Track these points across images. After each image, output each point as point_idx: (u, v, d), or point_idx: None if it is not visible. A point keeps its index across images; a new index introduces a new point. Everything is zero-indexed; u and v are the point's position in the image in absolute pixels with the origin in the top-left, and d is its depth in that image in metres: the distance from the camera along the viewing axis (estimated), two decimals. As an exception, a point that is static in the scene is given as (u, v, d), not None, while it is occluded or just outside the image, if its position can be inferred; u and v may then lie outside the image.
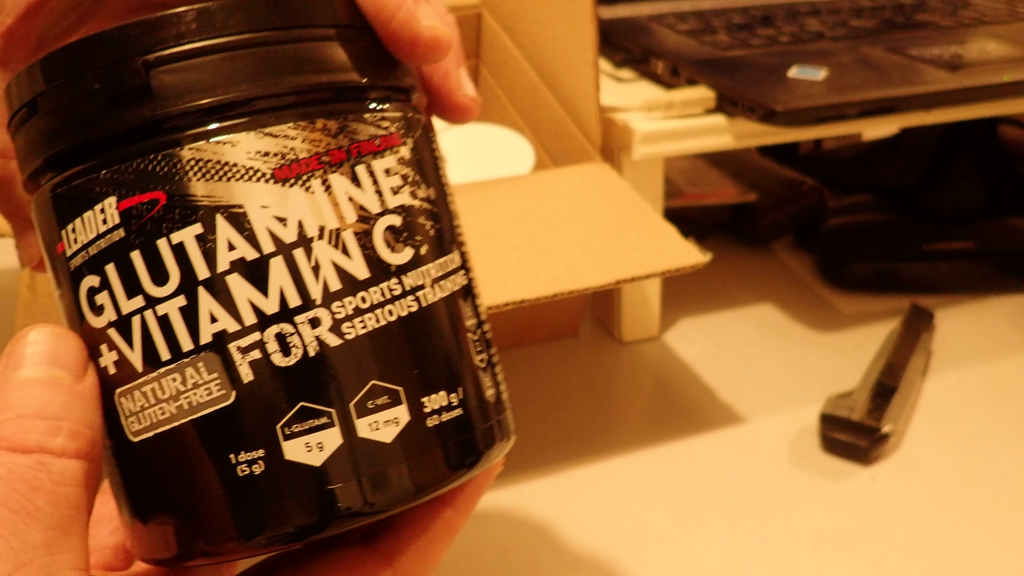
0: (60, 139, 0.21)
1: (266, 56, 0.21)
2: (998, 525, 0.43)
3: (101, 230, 0.20)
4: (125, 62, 0.20)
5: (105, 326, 0.21)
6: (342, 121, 0.21)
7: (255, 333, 0.20)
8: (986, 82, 0.53)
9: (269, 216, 0.20)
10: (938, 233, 0.62)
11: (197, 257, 0.20)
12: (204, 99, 0.20)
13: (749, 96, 0.50)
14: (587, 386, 0.52)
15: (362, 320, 0.21)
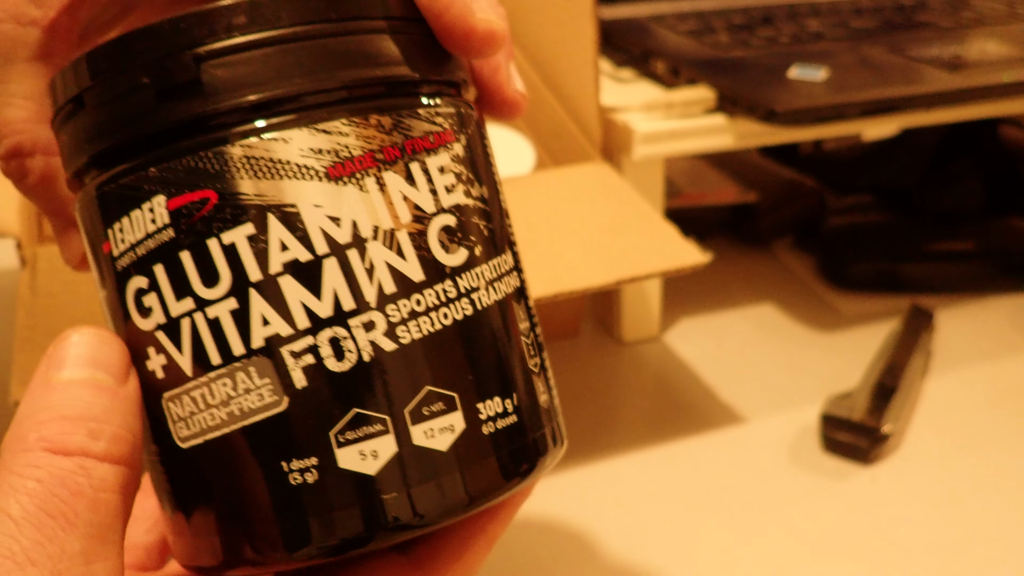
0: (107, 136, 0.20)
1: (317, 50, 0.20)
2: (998, 525, 0.43)
3: (150, 230, 0.20)
4: (175, 56, 0.19)
5: (153, 328, 0.20)
6: (395, 117, 0.21)
7: (308, 337, 0.19)
8: (986, 82, 0.53)
9: (322, 216, 0.20)
10: (938, 233, 0.62)
11: (249, 258, 0.19)
12: (255, 94, 0.19)
13: (749, 96, 0.50)
14: (587, 386, 0.52)
15: (417, 324, 0.20)
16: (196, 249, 0.19)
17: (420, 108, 0.21)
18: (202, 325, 0.20)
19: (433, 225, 0.21)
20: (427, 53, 0.22)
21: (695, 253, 0.43)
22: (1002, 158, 0.65)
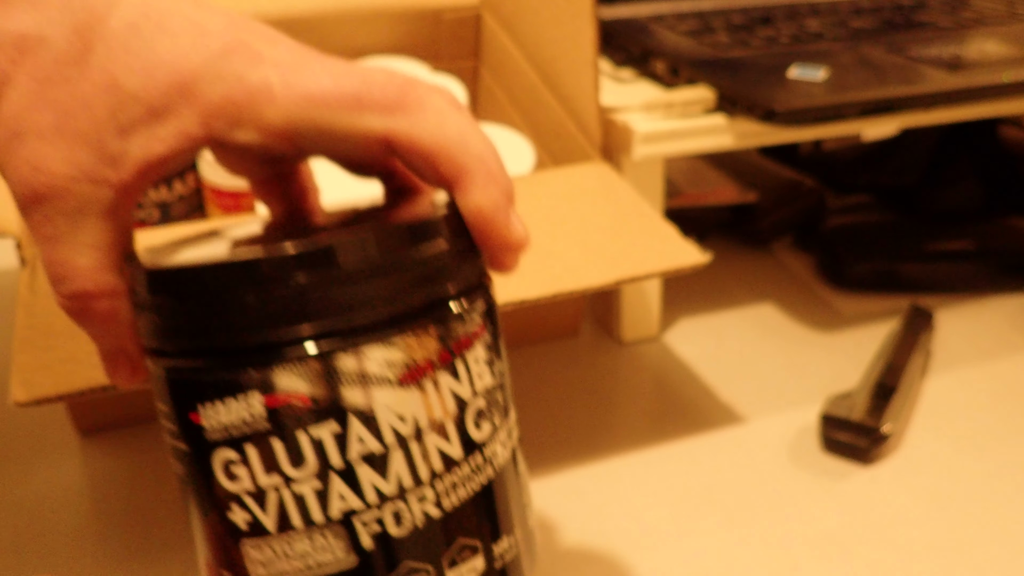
0: (211, 336, 0.23)
1: (397, 279, 0.23)
2: (998, 525, 0.43)
3: (245, 418, 0.23)
4: (282, 282, 0.22)
5: (240, 491, 0.23)
6: (448, 325, 0.24)
7: (376, 510, 0.23)
8: (986, 82, 0.53)
9: (392, 415, 0.23)
10: (938, 233, 0.62)
11: (332, 449, 0.23)
12: (348, 318, 0.23)
13: (749, 96, 0.50)
14: (587, 386, 0.52)
15: (456, 492, 0.24)
16: (287, 439, 0.23)
17: (464, 313, 0.25)
18: (287, 497, 0.23)
19: (470, 410, 0.25)
20: (471, 265, 0.26)
21: (695, 253, 0.43)
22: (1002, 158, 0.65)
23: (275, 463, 0.23)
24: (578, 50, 0.51)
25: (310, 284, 0.22)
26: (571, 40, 0.51)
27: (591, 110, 0.51)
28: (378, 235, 0.23)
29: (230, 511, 0.24)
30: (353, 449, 0.23)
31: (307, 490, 0.23)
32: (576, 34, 0.50)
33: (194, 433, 0.24)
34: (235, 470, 0.23)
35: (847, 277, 0.61)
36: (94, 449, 0.47)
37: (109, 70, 0.24)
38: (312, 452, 0.23)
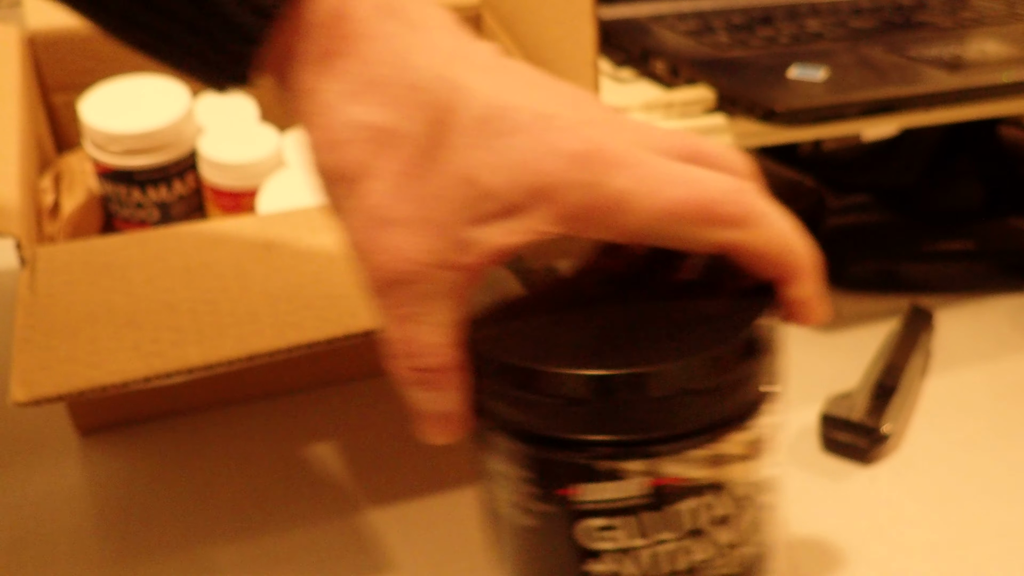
0: (596, 429, 0.26)
1: (753, 383, 0.28)
2: (999, 525, 0.43)
3: (622, 495, 0.27)
4: (674, 391, 0.26)
5: (606, 549, 0.28)
6: (773, 413, 0.30)
7: (717, 559, 0.29)
8: (986, 82, 0.53)
9: (742, 488, 0.28)
10: (938, 233, 0.62)
11: (689, 517, 0.28)
12: (722, 412, 0.27)
13: (749, 96, 0.50)
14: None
15: (764, 537, 0.31)
16: (657, 510, 0.27)
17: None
18: (647, 552, 0.28)
19: (775, 476, 0.31)
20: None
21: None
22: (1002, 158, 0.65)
23: (644, 529, 0.28)
24: (577, 50, 0.51)
25: (695, 391, 0.26)
26: (570, 40, 0.51)
27: None
28: (732, 356, 0.27)
29: (586, 563, 0.28)
30: (707, 516, 0.28)
31: (666, 549, 0.28)
32: (575, 34, 0.50)
33: (559, 502, 0.28)
34: (605, 534, 0.28)
35: (847, 277, 0.61)
36: (94, 449, 0.47)
37: (464, 166, 0.26)
38: (676, 520, 0.28)
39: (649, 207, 0.26)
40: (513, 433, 0.28)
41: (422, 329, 0.27)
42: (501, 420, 0.28)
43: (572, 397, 0.26)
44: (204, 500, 0.44)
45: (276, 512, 0.43)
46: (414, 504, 0.44)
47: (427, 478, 0.45)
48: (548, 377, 0.26)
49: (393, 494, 0.44)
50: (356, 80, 0.27)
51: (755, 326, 0.27)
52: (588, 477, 0.27)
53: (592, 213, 0.26)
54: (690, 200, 0.26)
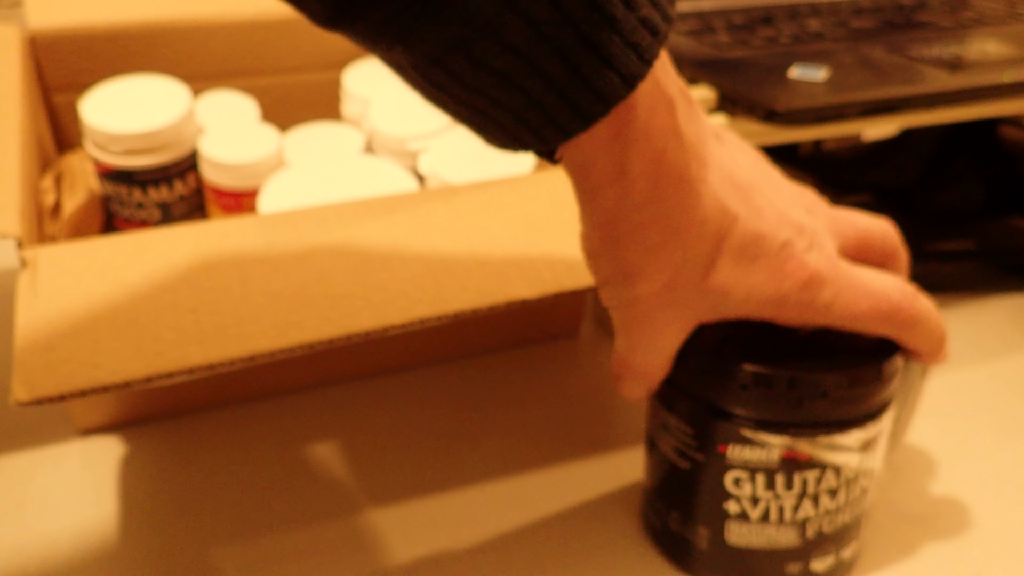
0: (761, 411, 0.35)
1: (871, 395, 0.36)
2: (999, 525, 0.43)
3: (762, 459, 0.36)
4: (826, 393, 0.35)
5: (740, 495, 0.37)
6: (887, 419, 0.38)
7: (820, 519, 0.38)
8: (986, 82, 0.53)
9: (851, 472, 0.37)
10: (938, 233, 0.62)
11: (806, 485, 0.36)
12: (844, 414, 0.36)
13: (749, 96, 0.50)
14: (587, 386, 0.52)
15: (858, 508, 0.39)
16: (786, 475, 0.36)
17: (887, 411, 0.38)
18: (773, 504, 0.37)
19: (879, 466, 0.39)
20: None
21: None
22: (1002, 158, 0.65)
23: (772, 486, 0.37)
24: None
25: (828, 396, 0.35)
26: None
27: None
28: (860, 377, 0.35)
29: (726, 503, 0.37)
30: (822, 485, 0.37)
31: (787, 504, 0.37)
32: None
33: (716, 455, 0.37)
34: (741, 484, 0.37)
35: (847, 277, 0.61)
36: (94, 449, 0.47)
37: (724, 282, 0.34)
38: (800, 484, 0.36)
39: (845, 313, 0.35)
40: (693, 401, 0.37)
41: (650, 355, 0.37)
42: (686, 391, 0.37)
43: (742, 383, 0.35)
44: (205, 500, 0.44)
45: (276, 512, 0.43)
46: (414, 504, 0.44)
47: (427, 478, 0.45)
48: (727, 367, 0.35)
49: (393, 494, 0.44)
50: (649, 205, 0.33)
51: (882, 360, 0.36)
52: (740, 441, 0.36)
53: (800, 315, 0.35)
54: (875, 309, 0.35)
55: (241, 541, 0.42)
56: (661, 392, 0.38)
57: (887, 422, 0.38)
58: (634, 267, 0.33)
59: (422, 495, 0.44)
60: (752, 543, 0.38)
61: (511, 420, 0.49)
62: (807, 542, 0.38)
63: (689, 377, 0.37)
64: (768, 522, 0.37)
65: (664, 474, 0.39)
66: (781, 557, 0.38)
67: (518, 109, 0.29)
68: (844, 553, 0.39)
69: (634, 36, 0.28)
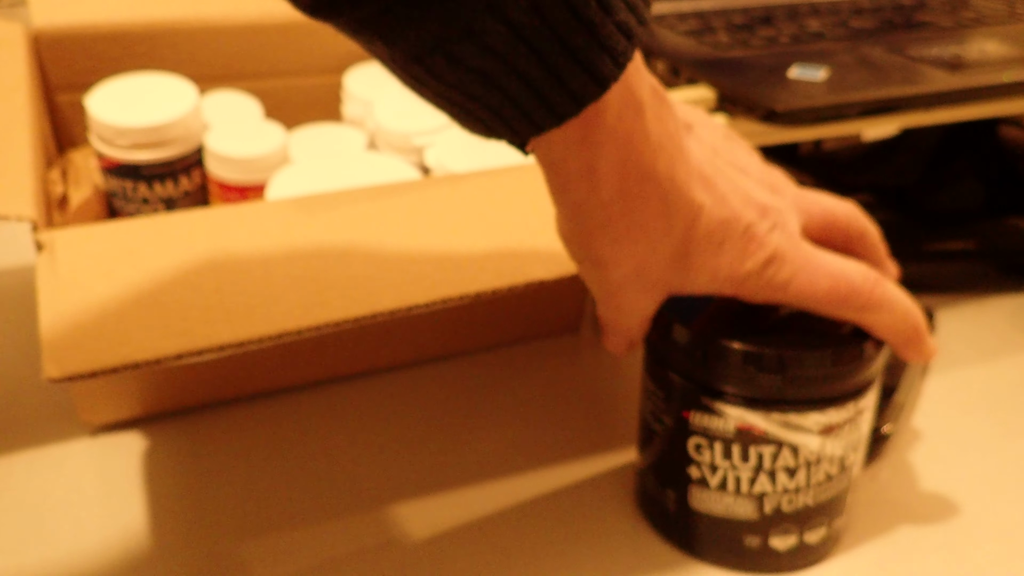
0: (725, 383, 0.37)
1: (836, 379, 0.36)
2: (999, 525, 0.43)
3: (719, 427, 0.37)
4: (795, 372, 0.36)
5: (700, 461, 0.38)
6: (858, 405, 0.38)
7: (778, 496, 0.38)
8: (986, 82, 0.53)
9: (810, 454, 0.37)
10: (938, 233, 0.62)
11: (767, 460, 0.37)
12: (806, 394, 0.36)
13: (749, 96, 0.50)
14: (587, 386, 0.52)
15: (824, 493, 0.39)
16: (742, 447, 0.37)
17: (863, 399, 0.38)
18: (730, 475, 0.38)
19: (847, 451, 0.39)
20: (874, 370, 0.39)
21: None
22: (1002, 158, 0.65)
23: (728, 455, 0.38)
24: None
25: (782, 375, 0.36)
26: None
27: None
28: (844, 353, 0.36)
29: (689, 467, 0.39)
30: (778, 462, 0.37)
31: (743, 475, 0.38)
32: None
33: (680, 420, 0.38)
34: (702, 451, 0.38)
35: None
36: (100, 447, 0.47)
37: (686, 263, 0.35)
38: (755, 457, 0.37)
39: (804, 292, 0.36)
40: (665, 367, 0.38)
41: (626, 319, 0.38)
42: (659, 356, 0.39)
43: (702, 351, 0.36)
44: (209, 498, 0.44)
45: (283, 509, 0.43)
46: (421, 494, 0.44)
47: (433, 469, 0.45)
48: (691, 336, 0.37)
49: (401, 484, 0.44)
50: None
51: (842, 347, 0.36)
52: (699, 408, 0.37)
53: (759, 292, 0.36)
54: (834, 290, 0.36)
55: (247, 538, 0.42)
56: (645, 360, 0.40)
57: (858, 411, 0.38)
58: (603, 255, 0.35)
59: (429, 486, 0.44)
60: (712, 510, 0.39)
61: (514, 415, 0.49)
62: (765, 517, 0.39)
63: (661, 343, 0.38)
64: (726, 491, 0.38)
65: (644, 437, 0.41)
66: (739, 528, 0.39)
67: (494, 105, 0.29)
68: (808, 536, 0.40)
69: (610, 40, 0.28)
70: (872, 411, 0.40)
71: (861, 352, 0.37)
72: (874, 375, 0.38)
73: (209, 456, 0.47)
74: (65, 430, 0.48)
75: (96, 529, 0.42)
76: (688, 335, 0.37)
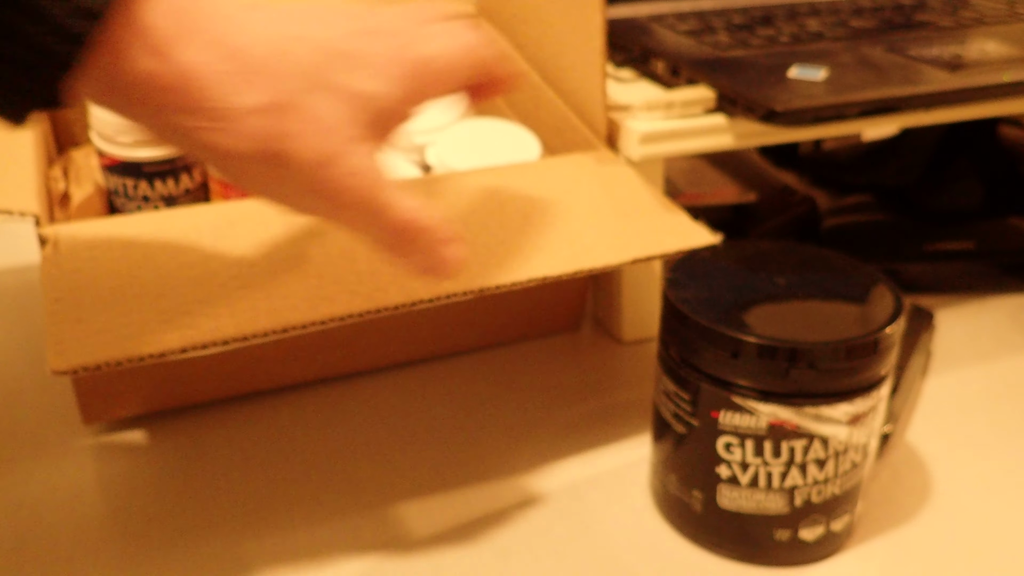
0: (747, 379, 0.37)
1: (860, 370, 0.37)
2: (999, 525, 0.43)
3: (751, 425, 0.38)
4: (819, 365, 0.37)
5: (730, 460, 0.38)
6: (879, 394, 0.39)
7: (808, 488, 0.39)
8: (986, 82, 0.53)
9: (838, 444, 0.38)
10: (938, 233, 0.62)
11: (799, 452, 0.38)
12: (832, 387, 0.37)
13: (749, 96, 0.50)
14: (587, 385, 0.52)
15: (849, 482, 0.40)
16: (774, 443, 0.38)
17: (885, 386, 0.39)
18: (761, 471, 0.38)
19: (870, 439, 0.40)
20: (893, 355, 0.39)
21: (705, 234, 0.44)
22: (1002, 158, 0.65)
23: (761, 453, 0.38)
24: (584, 40, 0.51)
25: (815, 367, 0.36)
26: (578, 31, 0.51)
27: (597, 99, 0.51)
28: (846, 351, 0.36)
29: (718, 467, 0.39)
30: (809, 455, 0.38)
31: (775, 471, 0.38)
32: (584, 24, 0.50)
33: (708, 420, 0.38)
34: (732, 449, 0.38)
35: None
36: (99, 446, 0.47)
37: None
38: (787, 453, 0.38)
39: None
40: (690, 368, 0.38)
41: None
42: (683, 358, 0.39)
43: (732, 352, 0.37)
44: (209, 498, 0.44)
45: (283, 509, 0.43)
46: (416, 503, 0.44)
47: (429, 478, 0.45)
48: (718, 335, 0.37)
49: (397, 491, 0.44)
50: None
51: (871, 335, 0.36)
52: (730, 407, 0.38)
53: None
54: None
55: (246, 538, 0.42)
56: (663, 361, 0.40)
57: (879, 399, 0.39)
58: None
59: (429, 485, 0.44)
60: (742, 507, 0.39)
61: (515, 414, 0.49)
62: (795, 510, 0.39)
63: (685, 344, 0.38)
64: (757, 487, 0.39)
65: (664, 439, 0.41)
66: (770, 523, 0.39)
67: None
68: (835, 525, 0.40)
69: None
70: (887, 396, 0.40)
71: (890, 338, 0.37)
72: (894, 360, 0.39)
73: (209, 455, 0.47)
74: (65, 430, 0.48)
75: (96, 529, 0.42)
76: (717, 335, 0.37)
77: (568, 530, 0.42)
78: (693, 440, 0.39)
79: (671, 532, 0.42)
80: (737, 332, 0.36)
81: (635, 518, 0.43)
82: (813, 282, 0.40)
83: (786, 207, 0.67)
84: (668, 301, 0.39)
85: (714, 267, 0.42)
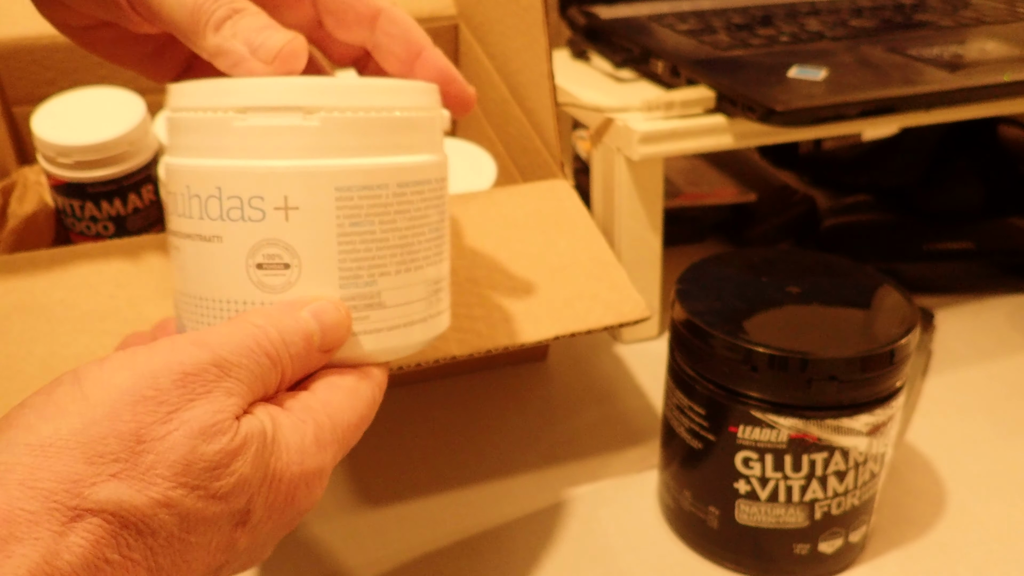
0: (764, 391, 0.36)
1: (879, 381, 0.37)
2: (999, 525, 0.43)
3: (772, 440, 0.37)
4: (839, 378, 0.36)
5: (749, 474, 0.38)
6: (897, 403, 0.39)
7: (828, 500, 0.38)
8: (986, 82, 0.53)
9: (858, 455, 0.37)
10: (938, 233, 0.62)
11: (820, 464, 0.37)
12: (854, 398, 0.36)
13: (749, 96, 0.50)
14: (587, 386, 0.52)
15: (867, 492, 0.39)
16: (794, 457, 0.37)
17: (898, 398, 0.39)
18: (781, 484, 0.38)
19: (888, 449, 0.40)
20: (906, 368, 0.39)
21: (640, 306, 0.42)
22: (1002, 158, 0.65)
23: (781, 465, 0.37)
24: (536, 62, 0.49)
25: (837, 379, 0.35)
26: (529, 51, 0.49)
27: (549, 124, 0.49)
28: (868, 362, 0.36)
29: (736, 482, 0.38)
30: (829, 468, 0.37)
31: (795, 484, 0.37)
32: (532, 45, 0.49)
33: (727, 435, 0.38)
34: (751, 463, 0.37)
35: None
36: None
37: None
38: (807, 466, 0.37)
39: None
40: (707, 382, 0.38)
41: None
42: (699, 373, 0.38)
43: (752, 365, 0.36)
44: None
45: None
46: (416, 503, 0.44)
47: (430, 478, 0.45)
48: (738, 350, 0.36)
49: (394, 502, 0.44)
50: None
51: (893, 345, 0.36)
52: (749, 422, 0.37)
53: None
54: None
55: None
56: (676, 375, 0.39)
57: (897, 408, 0.38)
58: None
59: (431, 485, 0.44)
60: (761, 522, 0.38)
61: (487, 435, 0.49)
62: (815, 523, 0.38)
63: (702, 359, 0.37)
64: (776, 502, 0.38)
65: (678, 454, 0.40)
66: (789, 537, 0.39)
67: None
68: (853, 536, 0.40)
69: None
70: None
71: (908, 347, 0.37)
72: (910, 368, 0.38)
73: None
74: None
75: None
76: (735, 348, 0.36)
77: (576, 544, 0.42)
78: (710, 455, 0.38)
79: (682, 547, 0.42)
80: (757, 345, 0.36)
81: (645, 533, 0.43)
82: (823, 289, 0.40)
83: (786, 207, 0.67)
84: (681, 313, 0.38)
85: (722, 276, 0.41)
